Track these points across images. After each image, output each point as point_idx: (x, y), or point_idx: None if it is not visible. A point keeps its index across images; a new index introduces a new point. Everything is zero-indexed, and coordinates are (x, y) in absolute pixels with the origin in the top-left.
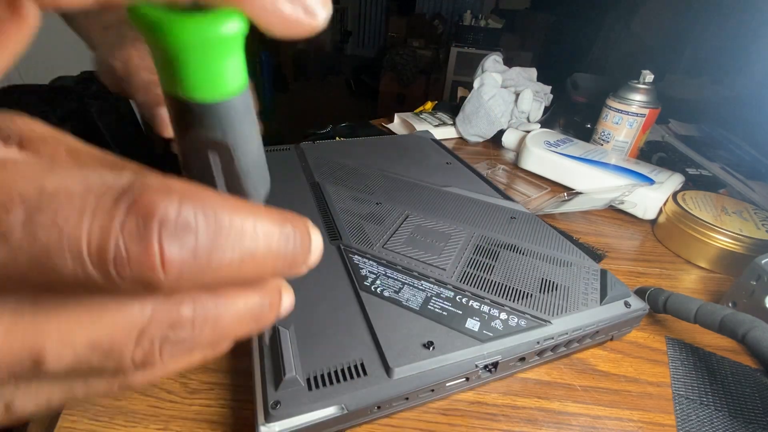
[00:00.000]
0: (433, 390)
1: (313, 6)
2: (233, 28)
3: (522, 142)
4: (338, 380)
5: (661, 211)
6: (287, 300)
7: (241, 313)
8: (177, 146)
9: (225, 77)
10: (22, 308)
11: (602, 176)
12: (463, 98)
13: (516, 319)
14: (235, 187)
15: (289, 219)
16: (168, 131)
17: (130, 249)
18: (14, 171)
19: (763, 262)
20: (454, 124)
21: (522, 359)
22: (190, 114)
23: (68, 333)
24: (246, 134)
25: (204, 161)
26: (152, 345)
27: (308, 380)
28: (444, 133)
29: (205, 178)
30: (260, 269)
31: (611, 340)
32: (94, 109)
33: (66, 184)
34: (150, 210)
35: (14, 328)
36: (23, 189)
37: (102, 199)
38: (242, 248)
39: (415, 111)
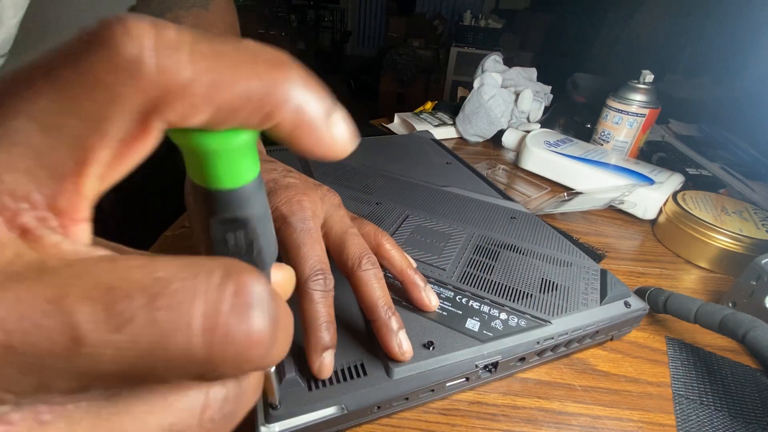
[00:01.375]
0: (433, 390)
1: (347, 141)
2: (247, 137)
3: (522, 142)
4: (338, 380)
5: (661, 211)
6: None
7: (256, 385)
8: (201, 230)
9: (241, 171)
10: (98, 405)
11: (602, 176)
12: (463, 98)
13: (516, 319)
14: (251, 260)
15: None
16: None
17: (236, 329)
18: (125, 263)
19: (763, 262)
20: (454, 124)
21: (522, 359)
22: (214, 200)
23: (143, 424)
24: (258, 211)
25: (223, 237)
26: (211, 423)
27: (308, 380)
28: (444, 133)
29: (225, 254)
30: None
31: (611, 340)
32: None
33: (174, 271)
34: (248, 292)
35: (95, 426)
36: (140, 278)
37: (210, 282)
38: (289, 323)
39: (415, 111)
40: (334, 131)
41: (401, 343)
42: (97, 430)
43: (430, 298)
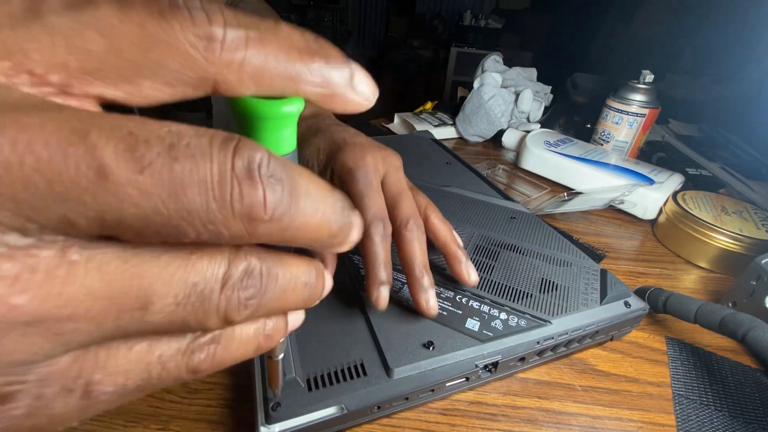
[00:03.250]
0: (433, 390)
1: (370, 96)
2: (293, 108)
3: (522, 142)
4: (338, 381)
5: (661, 211)
6: (329, 281)
7: (296, 278)
8: None
9: (283, 141)
10: (125, 254)
11: (602, 176)
12: (463, 98)
13: (516, 319)
14: None
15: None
16: None
17: (243, 187)
18: (138, 118)
19: (763, 262)
20: (454, 124)
21: (522, 359)
22: None
23: (169, 276)
24: None
25: None
26: (233, 292)
27: (308, 381)
28: (444, 133)
29: None
30: (318, 235)
31: (611, 340)
32: None
33: (184, 128)
34: (251, 157)
35: (122, 270)
36: (156, 128)
37: (215, 142)
38: (315, 210)
39: (415, 111)
40: (358, 90)
41: (429, 299)
42: (124, 274)
43: (469, 273)
